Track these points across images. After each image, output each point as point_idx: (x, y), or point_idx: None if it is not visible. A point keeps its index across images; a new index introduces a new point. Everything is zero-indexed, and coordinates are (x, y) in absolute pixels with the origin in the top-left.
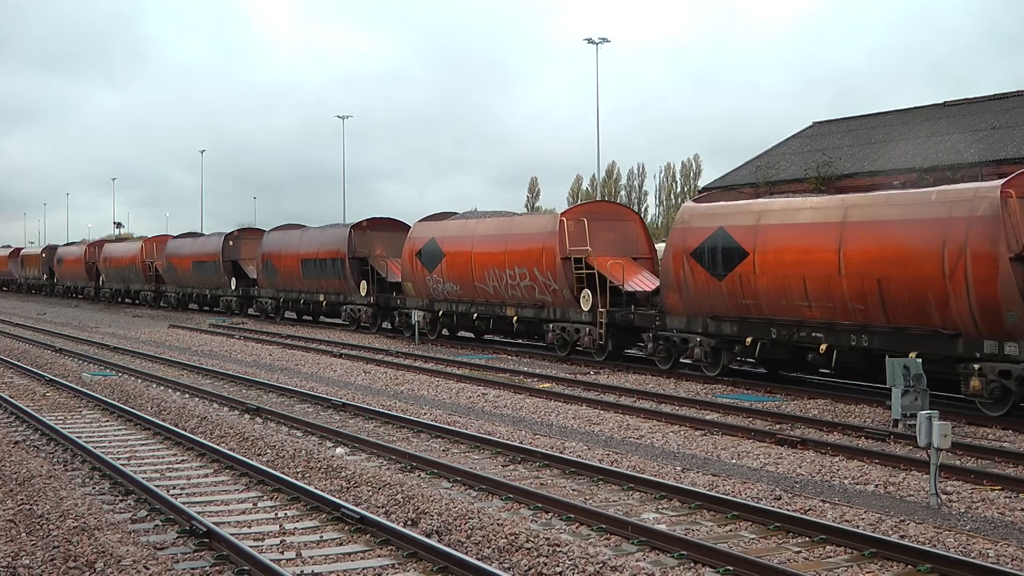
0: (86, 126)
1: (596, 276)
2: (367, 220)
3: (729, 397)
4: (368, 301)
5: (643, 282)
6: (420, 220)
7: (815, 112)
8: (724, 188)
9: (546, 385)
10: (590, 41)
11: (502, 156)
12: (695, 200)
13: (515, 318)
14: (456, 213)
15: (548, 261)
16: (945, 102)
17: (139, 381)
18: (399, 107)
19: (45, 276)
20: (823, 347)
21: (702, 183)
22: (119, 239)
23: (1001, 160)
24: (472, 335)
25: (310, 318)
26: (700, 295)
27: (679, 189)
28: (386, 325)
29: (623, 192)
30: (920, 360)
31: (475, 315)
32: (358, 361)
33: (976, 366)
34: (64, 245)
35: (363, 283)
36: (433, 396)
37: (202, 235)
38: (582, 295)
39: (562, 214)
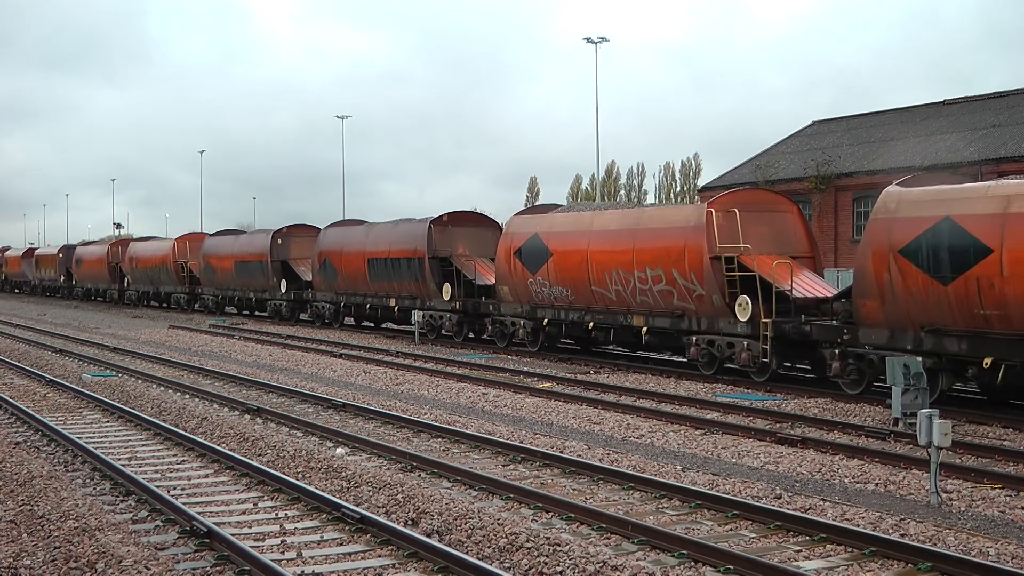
0: (86, 126)
1: (757, 280)
2: (447, 214)
3: (729, 396)
4: (452, 307)
5: (813, 286)
6: (518, 214)
7: (816, 112)
8: (724, 187)
9: (546, 385)
10: (589, 41)
11: (502, 156)
12: (901, 183)
13: (644, 329)
14: (560, 205)
15: (692, 261)
16: (944, 101)
17: (139, 382)
18: (399, 107)
19: (62, 278)
20: None
21: (702, 182)
22: (145, 238)
23: (1001, 158)
24: (577, 346)
25: (371, 324)
26: (913, 303)
27: (678, 188)
28: (465, 333)
29: (623, 192)
30: (920, 359)
31: (590, 324)
32: (358, 361)
33: None
34: (83, 244)
35: (447, 286)
36: (433, 396)
37: (244, 232)
38: (738, 302)
39: (708, 204)
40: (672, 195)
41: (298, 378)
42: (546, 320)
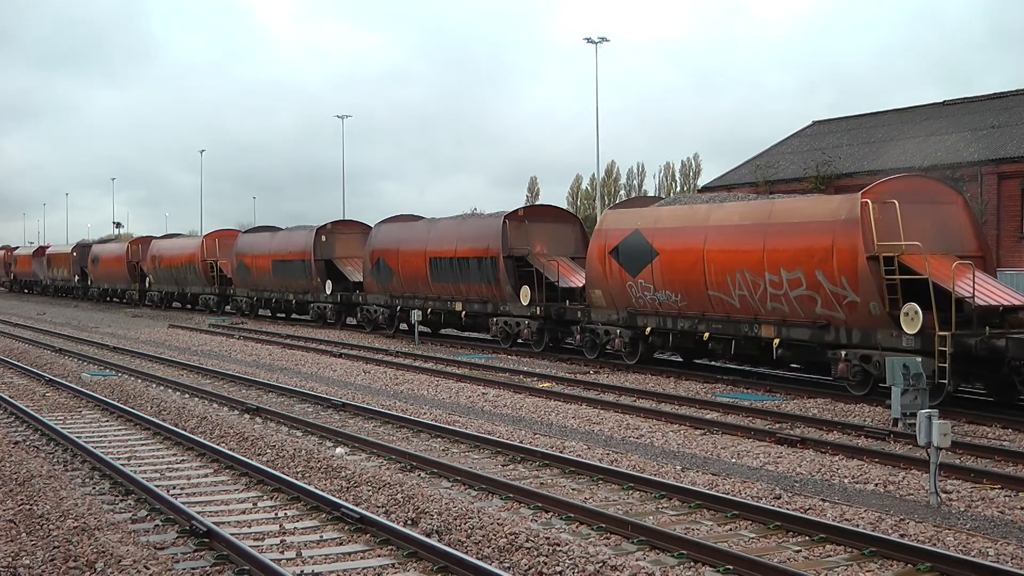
0: (86, 126)
1: (930, 284)
2: (523, 209)
3: (729, 396)
4: (532, 312)
5: (995, 292)
6: (613, 207)
7: (818, 112)
8: (724, 187)
9: (546, 385)
10: (589, 41)
11: (502, 156)
12: None
13: (776, 341)
14: (661, 199)
15: (842, 261)
16: (944, 101)
17: (139, 381)
18: (399, 107)
19: (76, 277)
20: None
21: (701, 182)
22: (169, 235)
23: (1000, 159)
24: (679, 358)
25: (428, 329)
26: None
27: (679, 188)
28: (546, 341)
29: (623, 192)
30: (919, 359)
31: (705, 334)
32: (358, 361)
33: None
34: (100, 242)
35: (525, 289)
36: (433, 396)
37: (282, 229)
38: (904, 311)
39: (863, 194)
40: (672, 195)
41: (298, 378)
42: (649, 329)
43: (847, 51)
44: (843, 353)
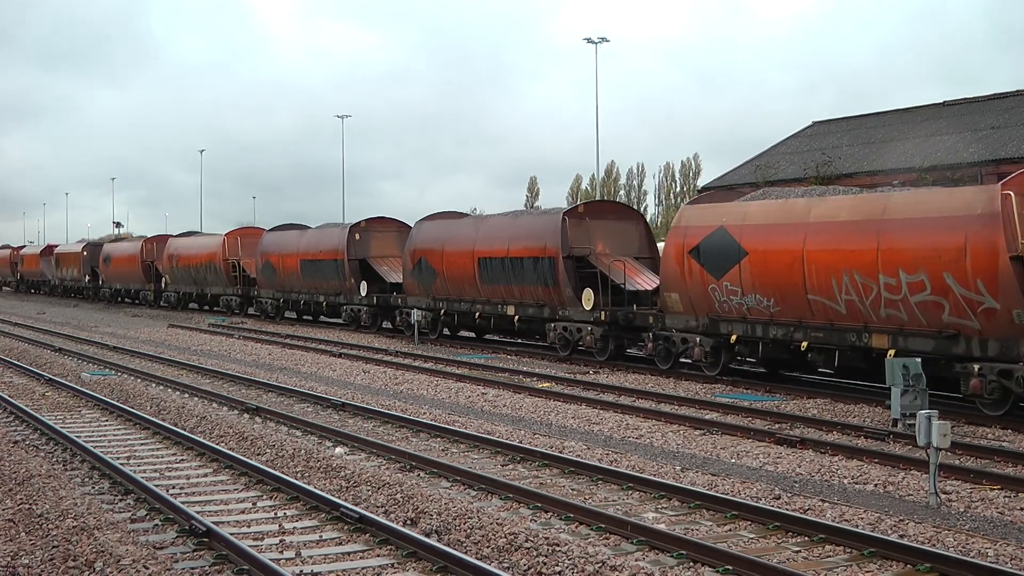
0: (86, 125)
1: None
2: (583, 204)
3: (728, 397)
4: (596, 317)
5: None
6: (692, 203)
7: (820, 112)
8: (724, 188)
9: (545, 385)
10: (589, 41)
11: (502, 156)
12: None
13: (891, 352)
14: (743, 192)
15: (978, 263)
16: (944, 102)
17: (138, 380)
18: (400, 106)
19: (87, 277)
20: None
21: (701, 183)
22: (187, 233)
23: (1000, 160)
24: (764, 369)
25: (472, 335)
26: None
27: (679, 189)
28: (611, 349)
29: (622, 192)
30: (919, 360)
31: (802, 343)
32: (357, 361)
33: None
34: (112, 241)
35: (588, 292)
36: (432, 396)
37: (310, 227)
38: None
39: (1003, 184)
40: (672, 195)
41: (297, 377)
42: (735, 336)
43: (848, 51)
44: (976, 367)
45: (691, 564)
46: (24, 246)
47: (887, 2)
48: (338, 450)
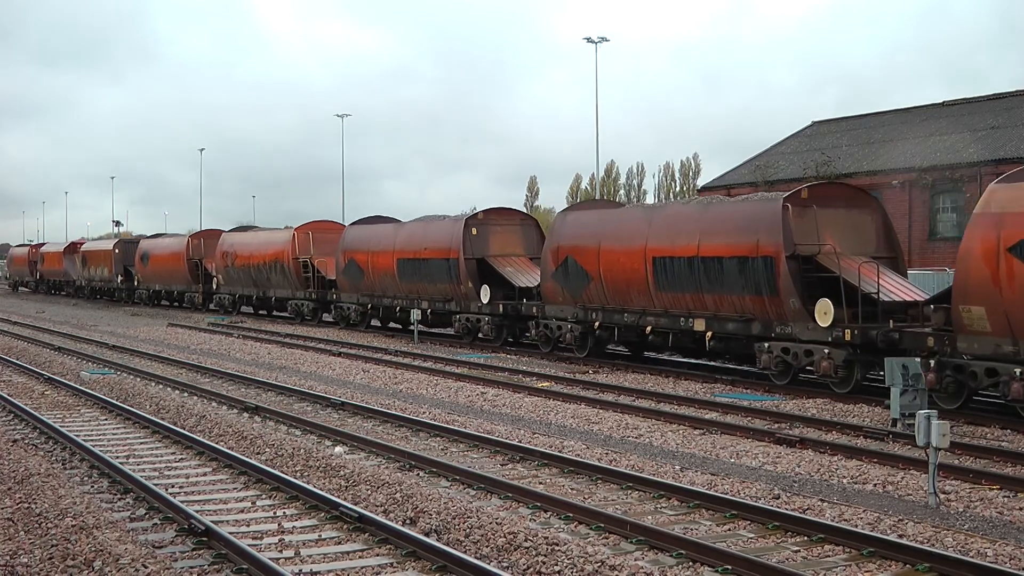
0: (86, 124)
1: None
2: (807, 188)
3: (728, 396)
4: (831, 337)
5: None
6: (1001, 180)
7: (825, 111)
8: (724, 187)
9: (545, 384)
10: (589, 40)
11: (504, 155)
12: None
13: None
14: None
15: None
16: (944, 102)
17: (138, 379)
18: (401, 105)
19: (119, 278)
20: None
21: (701, 182)
22: (243, 227)
23: (1000, 159)
24: None
25: (624, 351)
26: None
27: (678, 188)
28: (855, 379)
29: (622, 191)
30: (919, 359)
31: None
32: (357, 360)
33: None
34: (151, 237)
35: (824, 304)
36: (432, 395)
37: (406, 221)
38: None
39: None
40: (672, 195)
41: (297, 376)
42: None
43: (854, 50)
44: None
45: (690, 564)
46: (44, 243)
47: (893, 0)
48: (337, 449)
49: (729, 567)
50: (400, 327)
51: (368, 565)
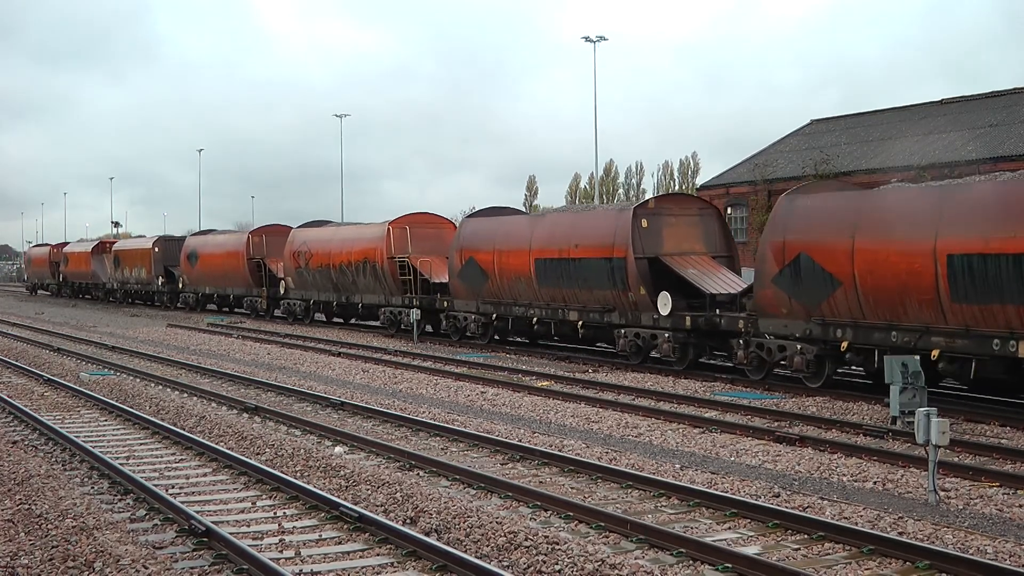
0: (85, 123)
1: None
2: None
3: (728, 395)
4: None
5: None
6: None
7: (828, 109)
8: (723, 186)
9: (544, 383)
10: (588, 40)
11: (503, 155)
12: None
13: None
14: None
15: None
16: (943, 100)
17: (137, 380)
18: (401, 105)
19: (160, 280)
20: None
21: (700, 181)
22: (317, 222)
23: (998, 157)
24: None
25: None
26: None
27: (677, 187)
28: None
29: (621, 190)
30: (918, 357)
31: None
32: (356, 360)
33: None
34: (199, 233)
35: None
36: (432, 395)
37: (544, 213)
38: None
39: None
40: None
41: (296, 377)
42: None
43: (858, 48)
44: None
45: (690, 562)
46: (67, 243)
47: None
48: (337, 449)
49: (729, 565)
50: (528, 342)
51: (368, 565)
